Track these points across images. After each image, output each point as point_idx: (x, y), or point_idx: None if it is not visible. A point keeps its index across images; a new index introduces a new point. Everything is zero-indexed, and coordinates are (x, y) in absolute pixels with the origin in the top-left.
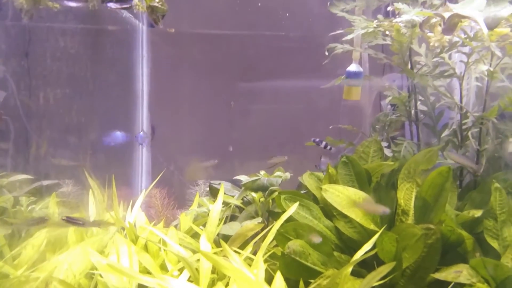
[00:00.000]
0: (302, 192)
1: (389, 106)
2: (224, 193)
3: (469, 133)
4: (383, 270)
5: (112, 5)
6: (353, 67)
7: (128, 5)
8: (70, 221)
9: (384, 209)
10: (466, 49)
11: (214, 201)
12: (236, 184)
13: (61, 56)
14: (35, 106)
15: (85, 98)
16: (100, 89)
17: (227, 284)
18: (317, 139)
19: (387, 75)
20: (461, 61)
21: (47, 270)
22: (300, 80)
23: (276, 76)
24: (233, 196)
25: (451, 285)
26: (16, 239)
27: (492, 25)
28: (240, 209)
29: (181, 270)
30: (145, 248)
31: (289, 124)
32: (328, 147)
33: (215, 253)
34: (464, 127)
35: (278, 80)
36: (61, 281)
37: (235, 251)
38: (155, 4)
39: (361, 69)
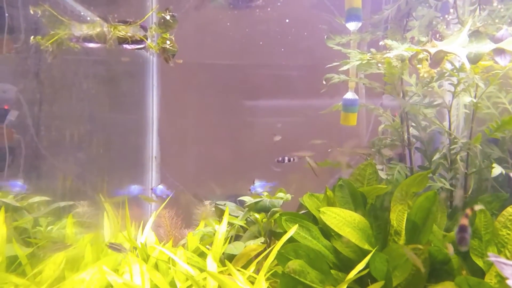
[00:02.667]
0: (302, 212)
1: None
2: (229, 214)
3: (458, 157)
4: None
5: (127, 46)
6: (349, 95)
7: (142, 46)
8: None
9: None
10: (454, 79)
11: (219, 221)
12: (240, 204)
13: (79, 84)
14: (48, 129)
15: (100, 124)
16: (114, 115)
17: None
18: (280, 158)
19: (384, 95)
20: (448, 90)
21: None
22: (301, 102)
23: (277, 100)
24: (237, 217)
25: None
26: (37, 258)
27: (474, 60)
28: (244, 229)
29: (189, 287)
30: (156, 266)
31: (290, 146)
32: (292, 158)
33: (220, 271)
34: (453, 151)
35: (279, 102)
36: None
37: (239, 270)
38: (166, 45)
39: (356, 97)
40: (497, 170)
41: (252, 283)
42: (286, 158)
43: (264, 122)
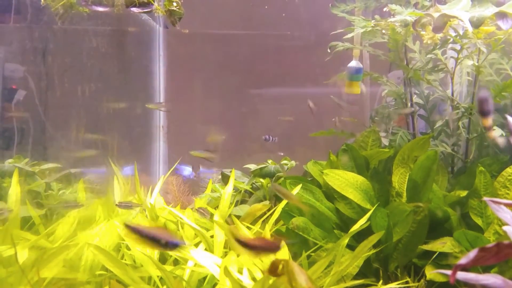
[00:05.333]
0: (308, 179)
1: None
2: (235, 180)
3: (460, 123)
4: (373, 239)
5: (135, 9)
6: (353, 63)
7: (149, 9)
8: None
9: None
10: (458, 46)
11: (226, 187)
12: (246, 172)
13: (86, 54)
14: (59, 101)
15: (109, 93)
16: (122, 84)
17: (238, 255)
18: (267, 136)
19: (392, 72)
20: (451, 57)
21: (81, 242)
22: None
23: (283, 72)
24: (243, 182)
25: (435, 255)
26: (49, 220)
27: (477, 24)
28: (250, 194)
29: (197, 245)
30: (164, 226)
31: (296, 117)
32: (274, 139)
33: None
34: (455, 117)
35: (284, 76)
36: (97, 246)
37: (246, 227)
38: (173, 8)
39: (361, 65)
40: (497, 132)
41: None
42: (271, 137)
43: (272, 95)
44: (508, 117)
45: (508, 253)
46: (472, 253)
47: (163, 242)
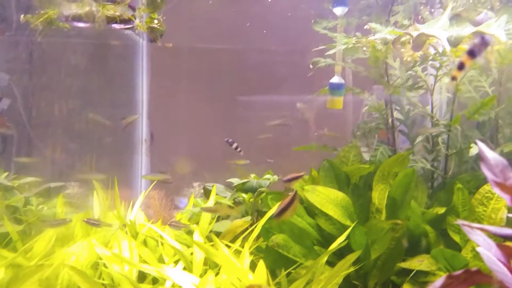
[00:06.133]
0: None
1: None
2: (217, 194)
3: (439, 139)
4: (351, 258)
5: (116, 25)
6: (335, 79)
7: (130, 26)
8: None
9: None
10: (437, 63)
11: (207, 202)
12: (229, 186)
13: (68, 68)
14: (40, 114)
15: (89, 106)
16: (103, 98)
17: (217, 273)
18: (230, 140)
19: (375, 86)
20: (430, 74)
21: (57, 260)
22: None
23: (266, 85)
24: (225, 197)
25: (413, 273)
26: (28, 235)
27: (455, 43)
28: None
29: (176, 262)
30: (144, 243)
31: (280, 130)
32: (238, 149)
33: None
34: (434, 134)
35: (269, 89)
36: (72, 267)
37: (226, 245)
38: (154, 25)
39: (342, 81)
40: (474, 150)
41: (238, 257)
42: (235, 145)
43: (256, 106)
44: (478, 142)
45: (476, 280)
46: (439, 281)
47: None
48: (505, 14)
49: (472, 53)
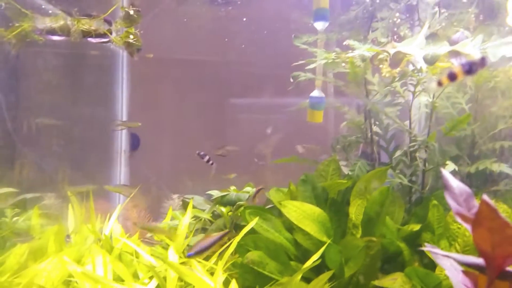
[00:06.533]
0: (269, 206)
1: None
2: (196, 207)
3: (417, 155)
4: (324, 277)
5: (92, 39)
6: (315, 93)
7: (106, 40)
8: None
9: None
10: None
11: (185, 215)
12: (209, 198)
13: (46, 76)
14: (16, 123)
15: (67, 117)
16: (81, 108)
17: None
18: (202, 152)
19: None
20: (408, 90)
21: (28, 277)
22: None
23: (245, 94)
24: (204, 210)
25: None
26: (1, 249)
27: (431, 61)
28: (211, 222)
29: (151, 278)
30: (119, 258)
31: (263, 140)
32: (210, 162)
33: (182, 262)
34: (412, 149)
35: (250, 99)
36: (40, 286)
37: (200, 262)
38: (130, 40)
39: (323, 95)
40: (450, 167)
41: (212, 274)
42: (207, 157)
43: (237, 117)
44: (443, 171)
45: None
46: None
47: None
48: (481, 34)
49: (468, 69)
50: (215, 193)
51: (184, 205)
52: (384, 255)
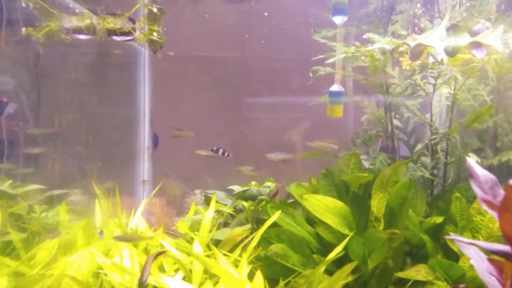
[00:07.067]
0: (290, 201)
1: None
2: (218, 202)
3: (439, 147)
4: (347, 268)
5: (116, 38)
6: (335, 87)
7: (130, 38)
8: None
9: None
10: (436, 72)
11: (208, 210)
12: (230, 193)
13: (71, 75)
14: (45, 120)
15: (92, 114)
16: (105, 105)
17: (216, 283)
18: (215, 148)
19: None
20: (429, 83)
21: (59, 269)
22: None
23: (271, 93)
24: (226, 205)
25: (410, 282)
26: (31, 243)
27: (452, 53)
28: (233, 217)
29: (176, 270)
30: (145, 251)
31: (283, 136)
32: (226, 153)
33: (207, 255)
34: (433, 142)
35: (271, 96)
36: (72, 277)
37: (225, 254)
38: (154, 37)
39: (342, 89)
40: (472, 159)
41: (237, 266)
42: (221, 150)
43: (257, 113)
44: (468, 159)
45: None
46: None
47: None
48: (501, 24)
49: None
50: (236, 188)
51: (207, 200)
52: (407, 247)
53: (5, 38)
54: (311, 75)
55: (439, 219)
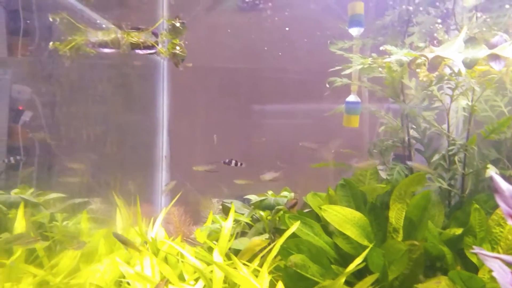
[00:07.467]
0: (306, 210)
1: None
2: (235, 212)
3: (456, 158)
4: (369, 280)
5: (139, 51)
6: (351, 98)
7: (153, 51)
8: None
9: None
10: (453, 83)
11: (226, 219)
12: (246, 202)
13: (93, 87)
14: (64, 129)
15: (112, 124)
16: (126, 116)
17: None
18: (227, 160)
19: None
20: (446, 94)
21: (83, 278)
22: (307, 105)
23: (285, 102)
24: (243, 214)
25: None
26: (53, 251)
27: (470, 65)
28: (250, 226)
29: (196, 280)
30: (165, 260)
31: (296, 147)
32: (239, 163)
33: (226, 265)
34: (451, 152)
35: (287, 105)
36: (97, 286)
37: (244, 264)
38: (176, 51)
39: (359, 100)
40: (491, 170)
41: (256, 276)
42: (234, 162)
43: (271, 123)
44: (493, 175)
45: None
46: None
47: None
48: None
49: None
50: (253, 198)
51: (224, 210)
52: (427, 258)
53: (23, 47)
54: (327, 86)
55: (458, 231)
